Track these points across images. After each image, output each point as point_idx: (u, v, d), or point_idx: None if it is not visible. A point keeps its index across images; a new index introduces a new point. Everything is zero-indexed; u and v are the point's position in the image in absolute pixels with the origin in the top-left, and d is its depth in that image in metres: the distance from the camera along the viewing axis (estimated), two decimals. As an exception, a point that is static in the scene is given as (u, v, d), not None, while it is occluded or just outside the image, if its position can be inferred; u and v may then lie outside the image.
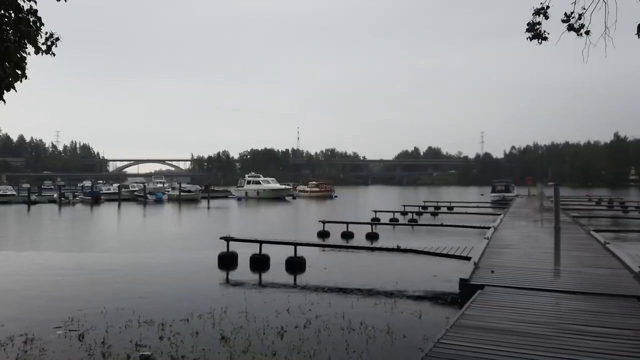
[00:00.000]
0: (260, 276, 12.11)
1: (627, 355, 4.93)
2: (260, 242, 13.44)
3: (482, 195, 63.38)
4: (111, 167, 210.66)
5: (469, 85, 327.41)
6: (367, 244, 17.35)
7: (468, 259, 10.62)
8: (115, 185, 68.57)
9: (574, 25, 5.27)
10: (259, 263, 13.04)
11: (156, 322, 7.88)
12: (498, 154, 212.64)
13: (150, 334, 7.31)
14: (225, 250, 13.70)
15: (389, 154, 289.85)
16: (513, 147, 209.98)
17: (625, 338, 5.52)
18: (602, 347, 5.19)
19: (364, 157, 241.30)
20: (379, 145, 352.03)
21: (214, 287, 10.87)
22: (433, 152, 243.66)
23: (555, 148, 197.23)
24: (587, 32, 5.25)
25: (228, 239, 13.69)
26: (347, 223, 20.58)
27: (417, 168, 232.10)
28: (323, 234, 20.11)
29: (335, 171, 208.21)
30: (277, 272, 12.31)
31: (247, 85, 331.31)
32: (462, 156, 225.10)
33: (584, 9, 5.20)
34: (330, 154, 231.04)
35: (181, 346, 6.77)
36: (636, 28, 4.85)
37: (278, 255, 13.37)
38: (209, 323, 7.83)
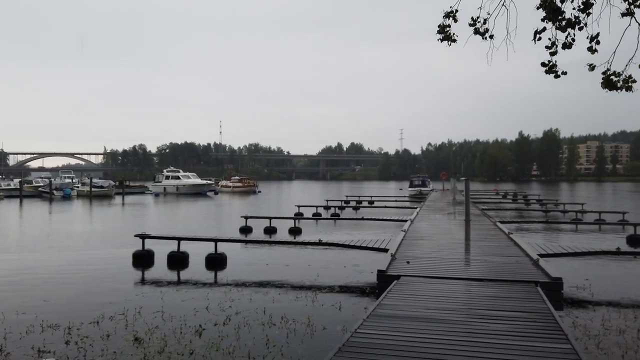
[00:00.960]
0: (178, 274, 11.68)
1: (527, 336, 5.36)
2: (179, 239, 12.96)
3: (401, 189, 66.11)
4: (12, 160, 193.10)
5: (389, 83, 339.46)
6: (290, 238, 17.39)
7: (386, 250, 11.00)
8: (17, 180, 62.77)
9: (480, 29, 5.59)
10: (177, 261, 12.58)
11: (62, 326, 7.33)
12: (416, 150, 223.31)
13: (55, 339, 6.78)
14: (140, 248, 13.06)
15: (313, 150, 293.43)
16: (429, 144, 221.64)
17: (525, 320, 6.00)
18: (506, 329, 5.60)
19: (288, 152, 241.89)
20: (303, 141, 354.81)
21: (127, 287, 10.31)
22: (355, 148, 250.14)
23: (467, 145, 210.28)
24: (491, 36, 5.59)
25: (143, 237, 13.06)
26: (270, 218, 20.49)
27: (340, 163, 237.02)
28: (245, 230, 19.85)
29: (259, 166, 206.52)
30: (196, 269, 11.95)
31: (167, 77, 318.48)
32: (383, 152, 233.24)
33: (489, 14, 5.54)
34: (254, 149, 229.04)
35: (90, 350, 6.36)
36: (532, 34, 5.25)
37: (198, 252, 12.99)
38: (121, 324, 7.42)
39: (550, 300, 7.05)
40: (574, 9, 5.26)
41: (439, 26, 5.78)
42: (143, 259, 12.83)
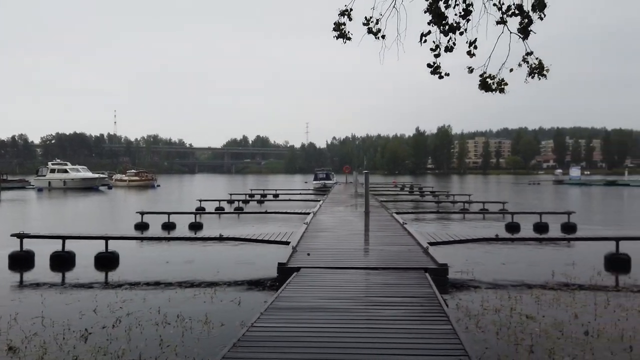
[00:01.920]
0: (63, 276, 10.74)
1: (414, 319, 5.72)
2: (64, 238, 11.90)
3: (306, 182, 67.20)
4: None
5: (294, 76, 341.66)
6: (190, 234, 16.84)
7: (287, 243, 11.09)
8: None
9: (372, 29, 5.82)
10: (62, 261, 11.55)
11: None
12: (321, 144, 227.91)
13: None
14: (18, 249, 11.80)
15: (217, 142, 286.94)
16: (334, 138, 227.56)
17: (414, 304, 6.39)
18: (395, 314, 5.92)
19: (190, 145, 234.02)
20: (207, 133, 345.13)
21: (1, 292, 9.28)
22: (261, 141, 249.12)
23: (370, 139, 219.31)
24: (383, 37, 5.85)
25: (21, 236, 11.81)
26: (169, 213, 19.64)
27: (246, 156, 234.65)
28: (141, 227, 18.80)
29: (158, 159, 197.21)
30: (84, 270, 11.07)
31: (51, 61, 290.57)
32: (289, 145, 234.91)
33: (381, 14, 5.78)
34: (153, 141, 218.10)
35: (-49, 366, 5.64)
36: (419, 36, 5.58)
37: (86, 252, 12.04)
38: (-8, 334, 6.67)
39: (437, 285, 7.59)
40: (455, 15, 5.66)
41: (334, 24, 5.91)
42: (21, 261, 11.61)
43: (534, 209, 25.09)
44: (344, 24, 5.90)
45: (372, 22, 5.84)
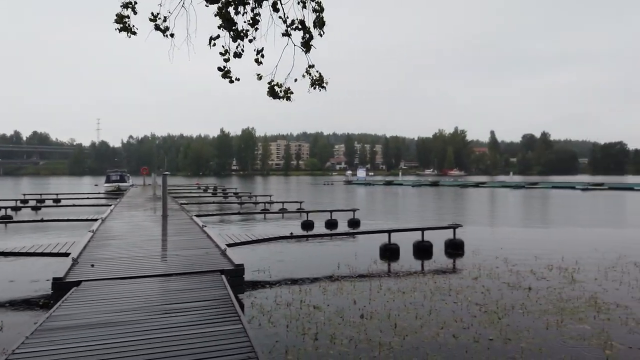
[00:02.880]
0: None
1: (206, 323, 5.66)
2: None
3: (96, 185, 61.13)
4: None
5: (86, 68, 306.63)
6: None
7: (67, 255, 9.86)
8: None
9: (160, 26, 5.58)
10: None
11: None
12: (116, 142, 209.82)
13: None
14: None
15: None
16: (131, 137, 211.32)
17: (207, 308, 6.33)
18: (188, 320, 5.76)
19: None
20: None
21: None
22: (39, 138, 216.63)
23: (172, 139, 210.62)
24: (172, 35, 5.66)
25: None
26: None
27: (18, 155, 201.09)
28: None
29: None
30: None
31: None
32: (75, 143, 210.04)
33: (170, 12, 5.58)
34: None
35: None
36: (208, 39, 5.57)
37: None
38: None
39: (233, 286, 7.68)
40: (245, 22, 5.81)
41: (116, 15, 5.48)
42: None
43: (326, 207, 27.56)
44: (128, 17, 5.51)
45: (159, 18, 5.59)
